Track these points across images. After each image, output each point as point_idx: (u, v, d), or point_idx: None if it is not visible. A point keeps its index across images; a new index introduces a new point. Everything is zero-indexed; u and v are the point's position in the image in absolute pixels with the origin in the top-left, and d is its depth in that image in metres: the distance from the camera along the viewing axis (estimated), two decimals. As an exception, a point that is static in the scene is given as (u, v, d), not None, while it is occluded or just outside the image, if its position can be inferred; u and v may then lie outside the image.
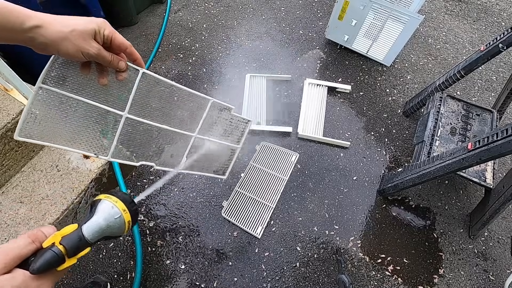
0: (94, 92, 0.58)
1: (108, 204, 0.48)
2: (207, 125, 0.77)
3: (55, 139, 0.57)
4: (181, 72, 2.11)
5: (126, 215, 0.49)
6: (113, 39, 0.52)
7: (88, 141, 0.61)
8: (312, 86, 2.07)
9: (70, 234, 0.43)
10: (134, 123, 0.64)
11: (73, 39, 0.46)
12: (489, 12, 2.82)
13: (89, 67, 0.54)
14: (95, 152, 0.61)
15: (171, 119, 0.70)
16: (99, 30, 0.49)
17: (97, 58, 0.51)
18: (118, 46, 0.53)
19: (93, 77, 0.57)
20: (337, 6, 2.04)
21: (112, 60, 0.53)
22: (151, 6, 2.56)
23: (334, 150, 1.80)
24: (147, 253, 1.38)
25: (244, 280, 1.34)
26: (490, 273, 1.44)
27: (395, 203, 1.62)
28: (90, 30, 0.48)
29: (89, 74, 0.55)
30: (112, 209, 0.47)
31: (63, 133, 0.57)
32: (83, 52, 0.48)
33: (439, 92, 1.73)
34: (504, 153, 1.01)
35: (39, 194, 1.30)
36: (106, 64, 0.53)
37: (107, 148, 0.62)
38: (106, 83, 0.56)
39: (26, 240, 0.39)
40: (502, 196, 1.29)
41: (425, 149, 1.50)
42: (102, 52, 0.50)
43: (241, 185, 1.60)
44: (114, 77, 0.57)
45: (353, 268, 1.41)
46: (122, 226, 0.49)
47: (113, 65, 0.53)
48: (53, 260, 0.39)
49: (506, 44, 1.40)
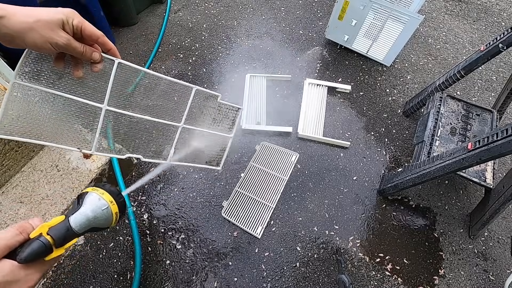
0: (70, 86, 0.57)
1: (95, 196, 0.48)
2: (194, 115, 0.75)
3: (36, 135, 0.56)
4: (181, 72, 2.11)
5: (113, 206, 0.49)
6: (83, 29, 0.50)
7: (70, 135, 0.60)
8: (312, 86, 2.06)
9: (58, 225, 0.44)
10: (116, 116, 0.63)
11: (39, 29, 0.45)
12: (489, 12, 2.82)
13: (63, 60, 0.53)
14: (78, 147, 0.60)
15: (154, 110, 0.68)
16: (67, 20, 0.47)
17: (68, 49, 0.49)
18: (89, 36, 0.51)
19: (69, 71, 0.55)
20: (337, 6, 2.04)
21: (85, 51, 0.51)
22: (151, 6, 2.56)
23: (334, 150, 1.80)
24: (147, 253, 1.38)
25: (244, 280, 1.34)
26: (490, 273, 1.44)
27: (395, 203, 1.62)
28: (57, 20, 0.46)
29: (63, 68, 0.54)
30: (99, 200, 0.48)
31: (43, 128, 0.56)
32: (51, 42, 0.46)
33: (439, 92, 1.73)
34: (504, 153, 1.01)
35: (39, 194, 1.30)
36: (78, 55, 0.51)
37: (90, 142, 0.61)
38: (81, 76, 0.55)
39: (13, 231, 0.40)
40: (502, 196, 1.29)
41: (425, 149, 1.50)
42: (73, 42, 0.49)
43: (241, 185, 1.60)
44: (89, 69, 0.56)
45: (353, 268, 1.41)
46: (110, 218, 0.49)
47: (86, 56, 0.52)
48: (41, 250, 0.40)
49: (506, 44, 1.40)
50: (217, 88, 2.04)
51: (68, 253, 1.35)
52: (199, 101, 0.73)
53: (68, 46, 0.48)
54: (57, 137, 0.58)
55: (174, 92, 0.68)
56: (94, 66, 0.55)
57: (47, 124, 0.57)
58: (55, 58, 0.53)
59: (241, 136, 1.80)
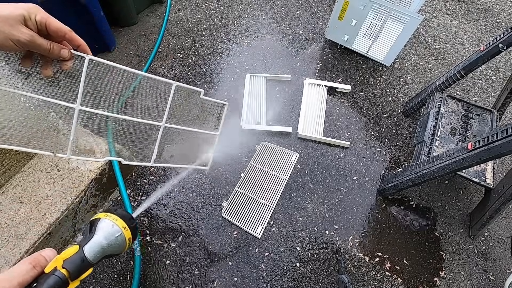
0: (40, 86, 0.54)
1: (108, 223, 0.47)
2: (177, 113, 0.70)
3: (7, 140, 0.52)
4: (181, 72, 2.11)
5: (126, 232, 0.48)
6: (48, 25, 0.47)
7: (43, 139, 0.56)
8: (312, 86, 2.06)
9: (72, 257, 0.42)
10: (90, 116, 0.59)
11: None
12: (489, 12, 2.82)
13: (30, 59, 0.50)
14: (52, 151, 0.56)
15: (132, 109, 0.64)
16: (29, 16, 0.45)
17: (32, 46, 0.46)
18: (55, 32, 0.48)
19: (38, 70, 0.52)
20: (337, 6, 2.04)
21: (52, 48, 0.48)
22: (151, 6, 2.56)
23: (334, 150, 1.80)
24: (147, 253, 1.38)
25: (244, 280, 1.34)
26: (490, 273, 1.44)
27: (395, 203, 1.62)
28: (18, 15, 0.43)
29: (30, 67, 0.51)
30: (113, 227, 0.47)
31: (13, 132, 0.53)
32: (12, 39, 0.43)
33: (439, 92, 1.73)
34: (504, 153, 1.01)
35: (39, 194, 1.30)
36: (45, 53, 0.48)
37: (65, 145, 0.58)
38: (50, 75, 0.52)
39: (27, 266, 0.38)
40: (502, 196, 1.29)
41: (425, 149, 1.50)
42: (37, 39, 0.46)
43: (241, 185, 1.60)
44: (59, 67, 0.53)
45: (353, 268, 1.41)
46: (123, 244, 0.48)
47: (53, 53, 0.49)
48: (57, 285, 0.38)
49: (506, 44, 1.40)
50: (217, 88, 2.04)
51: (68, 253, 1.35)
52: (181, 98, 0.69)
53: (32, 42, 0.45)
54: (30, 141, 0.55)
55: (153, 89, 0.65)
56: (63, 64, 0.52)
57: (17, 128, 0.53)
58: (22, 57, 0.50)
59: (241, 136, 1.80)
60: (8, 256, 1.13)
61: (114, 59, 2.11)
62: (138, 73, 0.61)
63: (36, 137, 0.56)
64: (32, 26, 0.45)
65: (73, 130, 0.58)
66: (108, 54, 2.14)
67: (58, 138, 0.58)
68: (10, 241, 1.17)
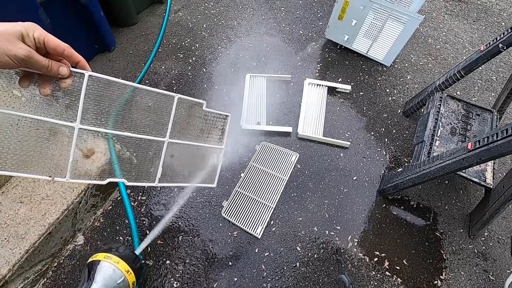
0: (37, 106, 0.51)
1: (109, 267, 0.42)
2: (180, 127, 0.67)
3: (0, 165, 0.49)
4: (181, 72, 2.11)
5: (130, 276, 0.43)
6: (47, 42, 0.46)
7: (40, 162, 0.53)
8: (312, 86, 2.06)
9: None
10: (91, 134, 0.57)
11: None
12: (489, 12, 2.82)
13: (28, 80, 0.49)
14: (50, 175, 0.53)
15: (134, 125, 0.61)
16: (27, 33, 0.44)
17: (30, 63, 0.45)
18: (54, 50, 0.48)
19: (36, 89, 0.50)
20: (337, 6, 2.04)
21: (50, 66, 0.47)
22: (151, 6, 2.56)
23: (334, 150, 1.80)
24: (146, 253, 1.38)
25: (244, 280, 1.34)
26: (490, 273, 1.44)
27: (395, 203, 1.62)
28: (15, 31, 0.43)
29: (28, 86, 0.49)
30: (114, 272, 0.42)
31: (7, 156, 0.49)
32: (9, 54, 0.42)
33: (439, 92, 1.73)
34: (504, 153, 1.01)
35: (39, 194, 1.30)
36: (43, 70, 0.47)
37: (64, 167, 0.54)
38: (48, 93, 0.50)
39: None
40: (502, 196, 1.29)
41: (425, 149, 1.50)
42: (34, 55, 0.45)
43: (241, 185, 1.60)
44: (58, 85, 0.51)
45: (353, 268, 1.41)
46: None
47: (52, 71, 0.48)
48: None
49: (506, 44, 1.40)
50: (217, 88, 2.04)
51: (68, 253, 1.35)
52: (183, 111, 0.66)
53: (30, 58, 0.45)
54: (26, 165, 0.52)
55: (152, 103, 0.62)
56: (62, 81, 0.51)
57: (12, 151, 0.50)
58: (20, 78, 0.49)
59: (241, 136, 1.80)
60: (8, 256, 1.13)
61: (114, 59, 2.11)
62: (140, 88, 0.59)
63: (32, 160, 0.53)
64: (30, 42, 0.45)
65: (73, 151, 0.55)
66: (108, 54, 2.14)
67: (56, 160, 0.54)
68: (10, 241, 1.17)
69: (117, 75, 2.02)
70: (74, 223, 1.35)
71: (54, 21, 1.65)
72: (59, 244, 1.32)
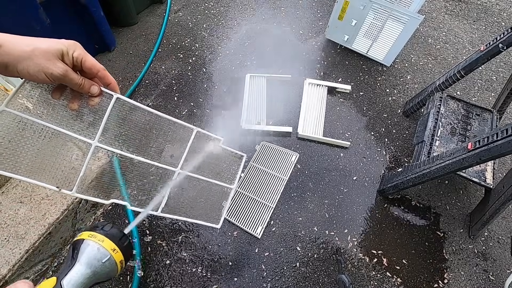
0: (62, 118, 0.53)
1: (93, 246, 0.40)
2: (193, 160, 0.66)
3: (12, 167, 0.50)
4: (181, 72, 2.11)
5: (116, 255, 0.41)
6: (84, 61, 0.48)
7: (51, 172, 0.54)
8: (312, 86, 2.06)
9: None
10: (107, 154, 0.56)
11: (35, 58, 0.43)
12: (489, 12, 2.82)
13: (60, 92, 0.51)
14: (58, 185, 0.54)
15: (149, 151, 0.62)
16: (68, 51, 0.46)
17: (65, 80, 0.47)
18: (89, 69, 0.50)
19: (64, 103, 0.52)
20: (337, 6, 2.04)
21: (83, 84, 0.49)
22: (151, 6, 2.56)
23: (334, 150, 1.80)
24: (147, 253, 1.38)
25: (244, 280, 1.34)
26: (490, 273, 1.44)
27: (395, 203, 1.62)
28: (56, 50, 0.45)
29: (59, 99, 0.52)
30: (98, 251, 0.40)
31: (22, 161, 0.51)
32: (46, 72, 0.44)
33: (439, 92, 1.73)
34: (504, 153, 1.01)
35: (39, 194, 1.30)
36: (75, 87, 0.49)
37: (73, 180, 0.55)
38: (75, 108, 0.53)
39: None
40: (502, 196, 1.29)
41: (425, 149, 1.50)
42: (70, 73, 0.47)
43: (241, 185, 1.60)
44: (86, 102, 0.53)
45: (353, 268, 1.41)
46: (113, 269, 0.41)
47: (84, 89, 0.50)
48: None
49: (506, 44, 1.40)
50: (217, 88, 2.04)
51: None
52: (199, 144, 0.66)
53: (65, 77, 0.46)
54: (36, 172, 0.52)
55: (171, 132, 0.62)
56: (91, 99, 0.53)
57: (29, 158, 0.51)
58: (54, 89, 0.51)
59: (241, 136, 1.80)
60: (8, 256, 1.13)
61: (114, 59, 2.11)
62: (163, 116, 0.59)
63: (45, 168, 0.54)
64: (68, 61, 0.47)
65: (85, 166, 0.56)
66: (108, 54, 2.14)
67: (67, 172, 0.56)
68: (10, 241, 1.17)
69: (117, 75, 2.02)
70: (74, 223, 1.35)
71: (54, 21, 1.65)
72: (59, 244, 1.32)
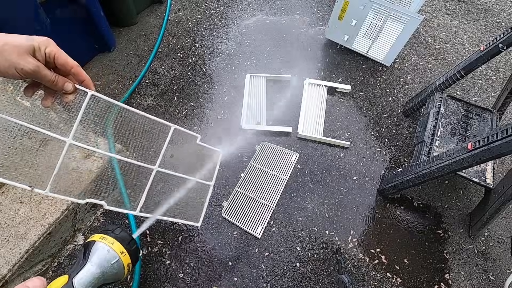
0: (35, 116, 0.52)
1: (103, 247, 0.42)
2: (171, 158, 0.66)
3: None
4: (181, 72, 2.11)
5: (125, 257, 0.43)
6: (56, 58, 0.48)
7: (24, 170, 0.53)
8: (312, 86, 2.06)
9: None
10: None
11: (5, 53, 0.43)
12: (489, 12, 2.82)
13: (33, 89, 0.50)
14: (30, 184, 0.52)
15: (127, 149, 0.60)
16: (39, 47, 0.45)
17: (37, 76, 0.46)
18: (62, 66, 0.49)
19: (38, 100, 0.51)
20: (337, 6, 2.04)
21: (56, 81, 0.48)
22: (151, 6, 2.56)
23: (334, 150, 1.80)
24: (147, 253, 1.38)
25: (244, 280, 1.34)
26: (490, 273, 1.44)
27: (395, 203, 1.62)
28: (27, 46, 0.44)
29: (31, 96, 0.51)
30: (108, 253, 0.42)
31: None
32: (16, 68, 0.43)
33: (439, 92, 1.73)
34: (504, 153, 1.01)
35: (39, 194, 1.30)
36: (49, 84, 0.48)
37: (46, 180, 0.53)
38: (49, 105, 0.51)
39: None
40: (502, 196, 1.29)
41: (425, 149, 1.50)
42: (42, 70, 0.46)
43: (241, 185, 1.60)
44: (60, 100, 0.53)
45: (353, 268, 1.41)
46: (121, 271, 0.43)
47: (57, 86, 0.49)
48: None
49: (506, 44, 1.40)
50: (217, 88, 2.04)
51: (68, 253, 1.35)
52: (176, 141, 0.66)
53: (37, 73, 0.46)
54: (7, 171, 0.51)
55: (148, 130, 0.61)
56: (65, 97, 0.52)
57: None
58: (26, 87, 0.50)
59: (241, 136, 1.80)
60: (8, 256, 1.13)
61: (114, 59, 2.11)
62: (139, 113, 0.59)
63: (17, 167, 0.52)
64: (40, 57, 0.46)
65: (59, 165, 0.54)
66: (108, 54, 2.14)
67: (41, 171, 0.54)
68: (10, 241, 1.17)
69: (117, 75, 2.02)
70: (74, 223, 1.35)
71: (54, 21, 1.65)
72: (59, 244, 1.32)
